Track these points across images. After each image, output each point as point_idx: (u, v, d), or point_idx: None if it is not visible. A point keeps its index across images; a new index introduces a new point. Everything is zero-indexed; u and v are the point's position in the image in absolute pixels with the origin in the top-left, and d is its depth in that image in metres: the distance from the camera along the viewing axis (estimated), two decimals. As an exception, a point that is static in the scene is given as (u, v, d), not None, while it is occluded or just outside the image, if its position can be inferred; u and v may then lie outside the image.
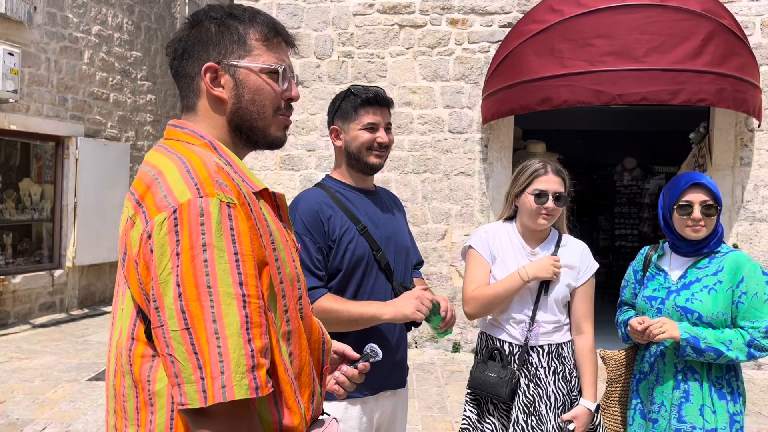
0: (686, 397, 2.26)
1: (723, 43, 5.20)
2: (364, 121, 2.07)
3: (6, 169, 7.49)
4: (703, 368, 2.27)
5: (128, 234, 1.12)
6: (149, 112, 9.41)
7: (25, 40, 7.17)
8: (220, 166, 1.15)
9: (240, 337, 1.02)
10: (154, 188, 1.10)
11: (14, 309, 7.30)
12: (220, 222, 1.05)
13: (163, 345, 1.04)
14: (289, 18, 6.67)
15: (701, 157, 6.34)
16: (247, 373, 1.02)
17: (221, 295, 1.03)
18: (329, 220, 2.01)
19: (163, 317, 1.03)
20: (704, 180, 2.33)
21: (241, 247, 1.07)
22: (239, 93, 1.23)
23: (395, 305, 1.98)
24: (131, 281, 1.12)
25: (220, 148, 1.23)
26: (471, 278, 2.42)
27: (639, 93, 5.06)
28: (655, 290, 2.40)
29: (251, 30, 1.25)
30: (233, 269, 1.05)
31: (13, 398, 4.80)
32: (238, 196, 1.11)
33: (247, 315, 1.04)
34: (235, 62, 1.23)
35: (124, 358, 1.14)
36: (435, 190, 6.46)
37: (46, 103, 7.57)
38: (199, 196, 1.06)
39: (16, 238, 7.62)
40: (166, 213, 1.06)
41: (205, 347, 1.01)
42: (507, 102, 5.64)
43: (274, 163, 6.73)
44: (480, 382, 2.35)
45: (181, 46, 1.25)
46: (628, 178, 10.29)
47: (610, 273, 10.38)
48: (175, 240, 1.04)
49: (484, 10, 6.36)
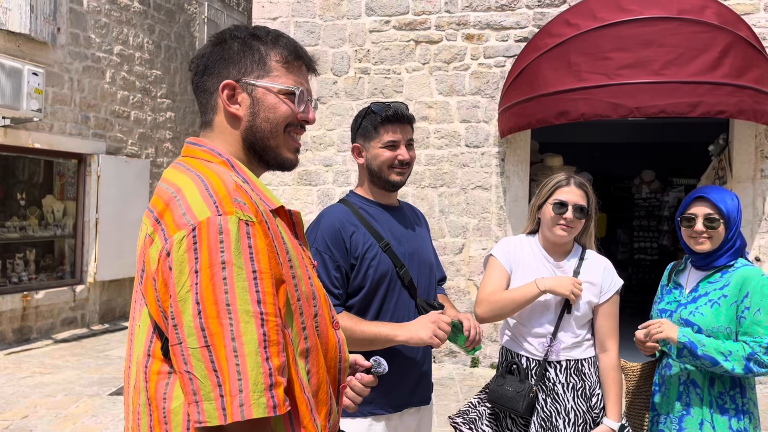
0: (687, 409, 2.27)
1: (741, 55, 5.18)
2: (384, 139, 2.07)
3: (30, 186, 7.63)
4: (705, 382, 2.26)
5: (147, 251, 1.13)
6: (169, 129, 9.55)
7: (49, 60, 7.33)
8: (238, 184, 1.15)
9: (258, 356, 1.03)
10: (173, 206, 1.11)
11: (37, 324, 7.40)
12: (238, 240, 1.06)
13: (181, 362, 1.04)
14: (306, 35, 6.75)
15: (721, 170, 6.29)
16: (265, 392, 1.02)
17: (240, 313, 1.03)
18: (351, 237, 2.00)
19: (182, 334, 1.03)
20: (711, 193, 2.32)
21: (260, 265, 1.07)
22: (254, 111, 1.25)
23: (411, 329, 1.93)
24: (149, 298, 1.12)
25: (238, 166, 1.24)
26: (488, 281, 2.41)
27: (657, 105, 5.04)
28: (668, 303, 2.44)
29: (272, 51, 1.26)
30: (251, 287, 1.05)
31: (35, 413, 4.86)
32: (256, 214, 1.12)
33: (265, 333, 1.05)
34: (253, 81, 1.24)
35: (140, 374, 1.15)
36: (452, 204, 6.46)
37: (69, 122, 7.72)
38: (218, 214, 1.07)
39: (39, 254, 7.74)
40: (185, 231, 1.06)
41: (224, 365, 1.01)
42: (524, 116, 5.64)
43: (292, 179, 6.78)
44: (497, 396, 2.34)
45: (203, 63, 1.27)
46: (647, 190, 10.22)
47: (629, 286, 10.29)
48: (194, 258, 1.04)
49: (499, 25, 6.40)
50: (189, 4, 9.88)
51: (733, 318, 2.22)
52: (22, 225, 7.50)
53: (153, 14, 9.06)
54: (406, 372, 2.07)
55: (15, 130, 6.98)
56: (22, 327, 7.20)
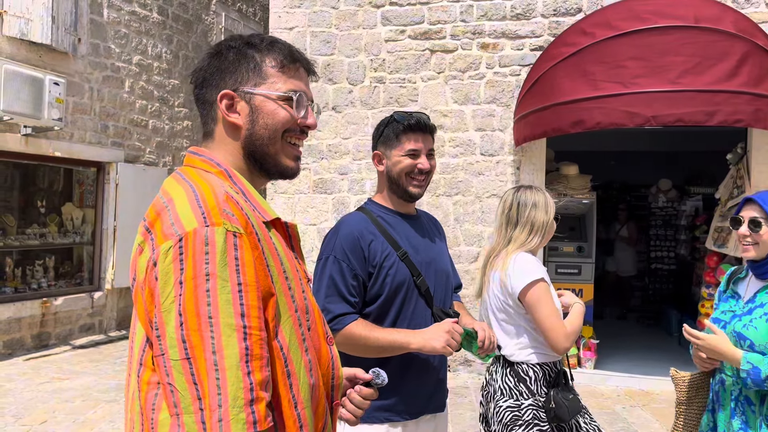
0: (744, 429, 2.14)
1: (759, 64, 5.14)
2: (405, 147, 2.09)
3: (50, 194, 7.75)
4: (757, 399, 2.13)
5: (137, 260, 1.13)
6: (186, 137, 9.66)
7: (69, 70, 7.46)
8: (229, 195, 1.14)
9: (239, 370, 1.01)
10: (164, 215, 1.11)
11: (55, 330, 7.49)
12: (225, 252, 1.05)
13: (163, 374, 1.04)
14: (322, 45, 6.81)
15: (739, 179, 6.23)
16: (244, 407, 1.00)
17: (222, 326, 1.02)
18: (370, 245, 2.02)
19: (164, 346, 1.03)
20: (759, 196, 2.22)
21: (245, 278, 1.06)
22: (253, 119, 1.24)
23: (424, 336, 1.95)
24: (138, 307, 1.12)
25: (235, 177, 1.23)
26: (554, 313, 2.34)
27: (674, 114, 5.01)
28: (723, 313, 2.30)
29: (268, 57, 1.25)
30: (235, 300, 1.04)
31: (54, 418, 4.91)
32: (246, 226, 1.11)
33: (248, 347, 1.03)
34: (250, 90, 1.23)
35: (134, 383, 1.15)
36: (467, 213, 6.46)
37: (89, 131, 7.84)
38: (205, 225, 1.06)
39: (58, 261, 7.85)
40: (172, 241, 1.06)
41: (204, 378, 1.00)
42: (539, 124, 5.64)
43: (308, 187, 6.82)
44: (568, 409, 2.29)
45: (201, 75, 1.27)
46: (663, 199, 10.13)
47: (646, 296, 10.18)
48: (180, 268, 1.04)
49: (515, 34, 6.41)
50: (207, 15, 10.00)
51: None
52: (41, 232, 7.61)
53: (171, 24, 9.19)
54: (423, 379, 2.08)
55: (36, 139, 7.11)
56: (40, 333, 7.29)
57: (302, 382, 1.15)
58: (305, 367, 1.16)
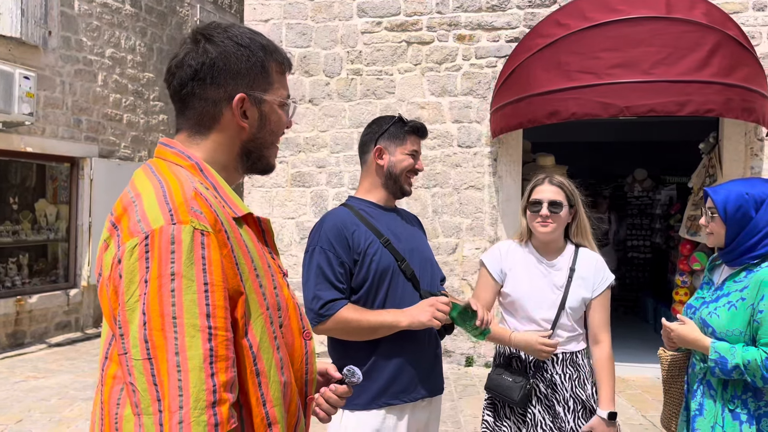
0: (700, 411, 2.21)
1: (729, 54, 5.22)
2: (409, 147, 2.24)
3: (22, 190, 7.61)
4: (719, 385, 2.18)
5: (102, 256, 1.11)
6: (161, 131, 9.54)
7: (40, 64, 7.32)
8: (198, 192, 1.12)
9: (202, 371, 0.99)
10: (131, 211, 1.09)
11: (30, 328, 7.38)
12: (191, 251, 1.03)
13: (126, 373, 1.02)
14: (298, 37, 6.77)
15: (711, 167, 6.33)
16: (206, 409, 0.98)
17: (186, 326, 1.00)
18: (353, 234, 2.12)
19: (127, 345, 1.01)
20: (712, 189, 2.28)
21: (212, 277, 1.04)
22: (262, 124, 1.25)
23: (412, 313, 2.06)
24: (104, 304, 1.11)
25: (207, 171, 1.20)
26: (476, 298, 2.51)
27: (647, 105, 5.08)
28: (696, 299, 2.36)
29: (272, 62, 1.26)
30: (201, 300, 1.02)
31: (30, 417, 4.85)
32: (214, 224, 1.09)
33: (212, 348, 1.01)
34: (261, 95, 1.24)
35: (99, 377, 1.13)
36: (445, 204, 6.48)
37: (61, 125, 7.71)
38: (172, 223, 1.04)
39: (32, 258, 7.73)
40: (138, 238, 1.04)
41: (165, 379, 0.98)
42: (515, 116, 5.67)
43: (285, 180, 6.79)
44: (495, 384, 2.44)
45: (205, 70, 1.20)
46: (639, 189, 10.27)
47: (623, 285, 10.32)
48: (145, 267, 1.02)
49: (490, 26, 6.43)
50: (181, 7, 9.87)
51: (747, 321, 2.10)
52: (14, 229, 7.48)
53: (145, 17, 9.06)
54: (417, 357, 2.17)
55: (7, 134, 6.97)
56: (15, 331, 7.18)
57: (272, 380, 1.14)
58: (276, 366, 1.15)
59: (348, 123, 6.69)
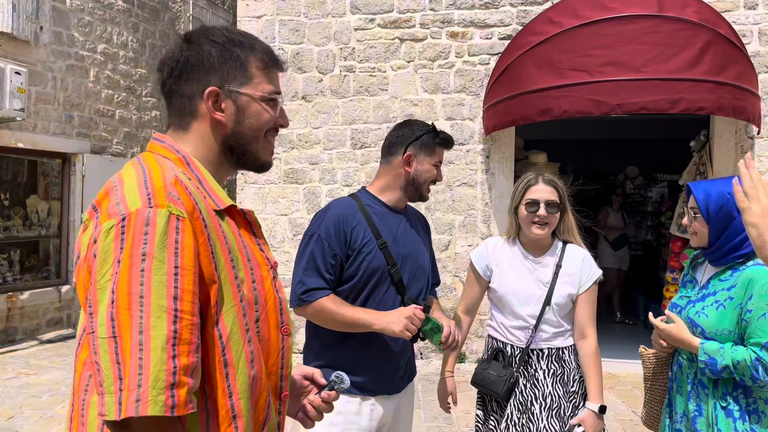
0: (699, 411, 2.19)
1: (721, 52, 5.25)
2: (436, 158, 2.29)
3: (14, 186, 7.57)
4: (710, 383, 2.16)
5: (81, 238, 1.13)
6: (154, 127, 9.51)
7: (31, 59, 7.27)
8: (178, 179, 1.15)
9: (164, 352, 1.00)
10: (111, 195, 1.12)
11: (22, 325, 7.35)
12: (165, 234, 1.05)
13: (92, 352, 1.03)
14: (291, 34, 6.75)
15: (702, 165, 6.38)
16: (165, 390, 0.99)
17: (153, 306, 1.01)
18: (353, 230, 2.16)
19: (95, 324, 1.02)
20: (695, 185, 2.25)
21: (183, 261, 1.05)
22: (239, 118, 1.26)
23: (387, 319, 2.09)
24: (78, 285, 1.12)
25: (193, 164, 1.23)
26: (464, 296, 2.64)
27: (638, 102, 5.10)
28: (680, 298, 2.33)
29: (252, 57, 1.27)
30: (170, 282, 1.03)
31: (21, 413, 4.84)
32: (192, 211, 1.11)
33: (176, 330, 1.02)
34: (237, 89, 1.25)
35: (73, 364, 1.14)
36: (438, 201, 6.50)
37: (53, 121, 7.67)
38: (149, 207, 1.06)
39: (24, 254, 7.69)
40: (114, 220, 1.06)
41: (127, 358, 0.98)
42: (508, 113, 5.69)
43: (278, 177, 6.79)
44: (480, 378, 2.47)
45: (179, 67, 1.25)
46: (631, 186, 10.31)
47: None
48: (120, 247, 1.03)
49: (483, 23, 6.44)
50: (174, 2, 9.83)
51: (736, 321, 2.09)
52: (6, 225, 7.44)
53: (137, 12, 9.02)
54: (383, 359, 2.22)
55: (-2, 130, 6.93)
56: (6, 328, 7.15)
57: (240, 372, 1.14)
58: (246, 358, 1.15)
59: (341, 120, 6.69)
